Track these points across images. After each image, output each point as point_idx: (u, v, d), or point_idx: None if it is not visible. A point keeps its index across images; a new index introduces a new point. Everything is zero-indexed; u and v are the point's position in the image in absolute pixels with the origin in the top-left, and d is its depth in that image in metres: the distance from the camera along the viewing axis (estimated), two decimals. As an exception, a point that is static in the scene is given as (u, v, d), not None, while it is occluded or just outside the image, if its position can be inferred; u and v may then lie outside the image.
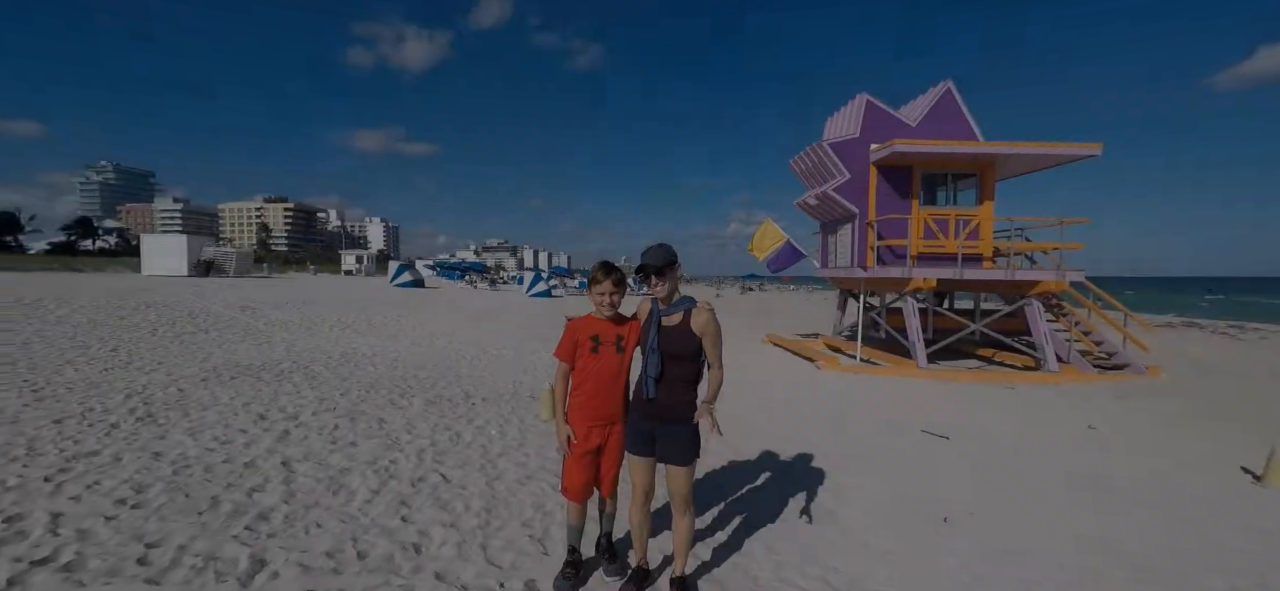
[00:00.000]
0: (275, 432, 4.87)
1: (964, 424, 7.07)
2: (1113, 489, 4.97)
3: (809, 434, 6.23)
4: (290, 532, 3.23)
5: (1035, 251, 12.84)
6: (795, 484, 4.68)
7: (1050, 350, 10.90)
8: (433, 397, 6.59)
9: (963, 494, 4.65)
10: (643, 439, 2.80)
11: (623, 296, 2.90)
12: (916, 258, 11.84)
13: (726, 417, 6.58)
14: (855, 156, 12.28)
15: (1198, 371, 12.02)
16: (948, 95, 12.37)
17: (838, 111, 13.80)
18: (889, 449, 5.88)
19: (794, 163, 14.32)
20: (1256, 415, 8.11)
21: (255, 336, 10.10)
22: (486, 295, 29.96)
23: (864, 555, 3.55)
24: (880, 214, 12.06)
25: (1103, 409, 8.14)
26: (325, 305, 16.32)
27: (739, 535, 3.68)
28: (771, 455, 5.41)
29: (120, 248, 70.66)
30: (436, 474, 4.29)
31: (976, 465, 5.45)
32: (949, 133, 12.03)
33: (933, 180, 12.49)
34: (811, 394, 8.62)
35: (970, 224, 11.99)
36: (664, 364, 2.70)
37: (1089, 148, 11.63)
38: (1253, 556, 3.79)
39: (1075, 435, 6.74)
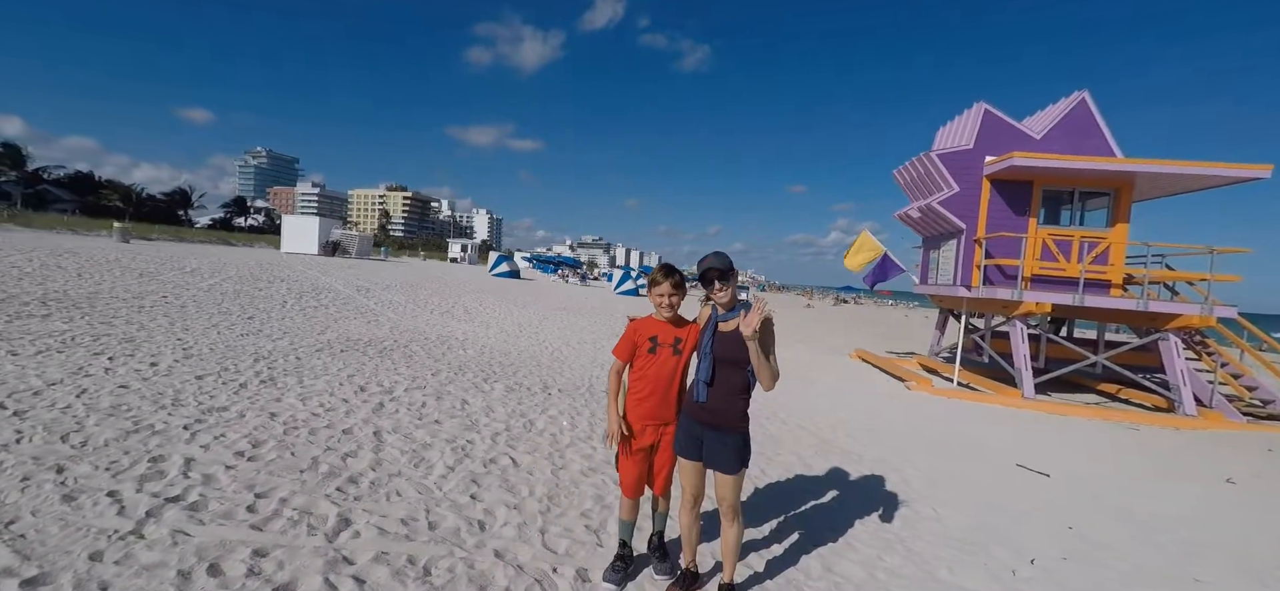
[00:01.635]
0: (372, 404, 5.38)
1: (1071, 462, 6.35)
2: (1242, 553, 4.26)
3: (888, 455, 5.88)
4: (374, 497, 3.56)
5: (1178, 281, 11.23)
6: (865, 505, 4.45)
7: (1187, 391, 9.48)
8: (513, 385, 6.95)
9: (1057, 537, 4.20)
10: (692, 442, 2.81)
11: (682, 298, 2.92)
12: (1030, 279, 10.79)
13: (800, 430, 6.38)
14: (967, 169, 11.41)
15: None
16: (1081, 105, 11.16)
17: (950, 121, 12.91)
18: (978, 480, 5.42)
19: (897, 173, 13.56)
20: None
21: (366, 315, 11.17)
22: (576, 290, 31.01)
23: (933, 587, 3.31)
24: (990, 230, 11.12)
25: (1248, 462, 6.97)
26: (429, 290, 17.68)
27: (796, 550, 3.57)
28: (842, 473, 5.17)
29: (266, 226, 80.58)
30: (507, 457, 4.53)
31: (1077, 507, 4.89)
32: (1081, 147, 10.86)
33: (1056, 197, 11.35)
34: (897, 414, 8.12)
35: (1099, 247, 10.73)
36: (716, 369, 2.69)
37: (1257, 169, 10.00)
38: None
39: (1207, 488, 5.84)
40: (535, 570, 3.01)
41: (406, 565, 2.87)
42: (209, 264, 16.64)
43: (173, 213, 65.59)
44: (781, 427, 6.50)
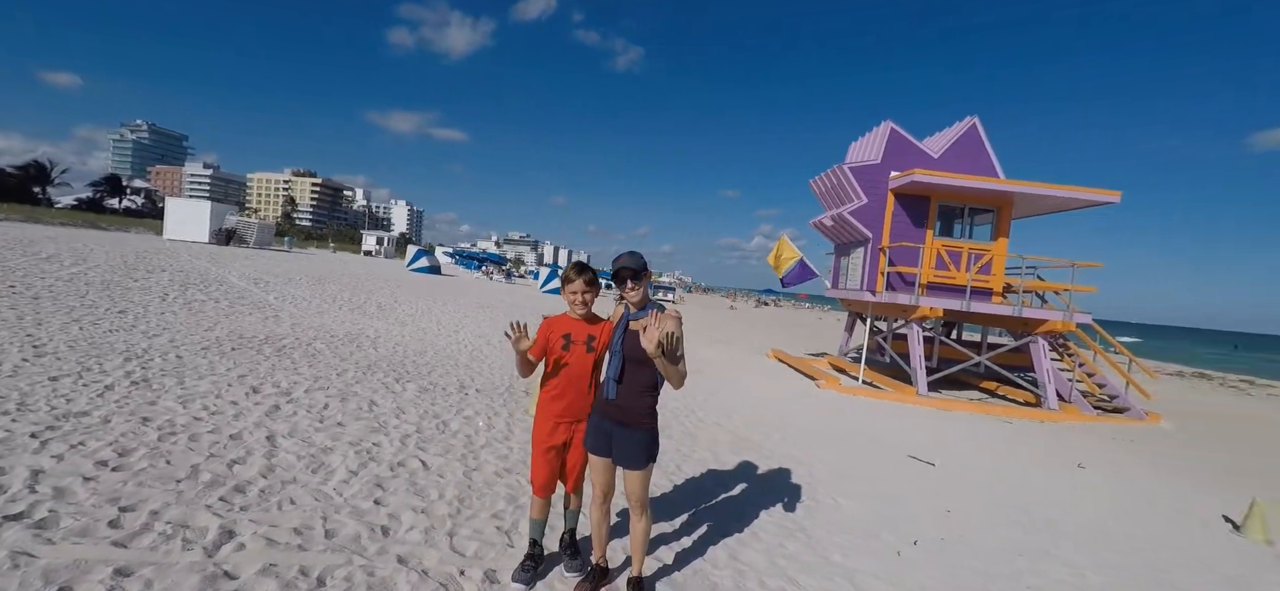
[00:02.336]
0: (266, 407, 4.98)
1: (954, 452, 7.00)
2: (1088, 528, 4.91)
3: (796, 449, 6.21)
4: (263, 506, 3.31)
5: (1046, 291, 12.67)
6: (772, 496, 4.69)
7: (1052, 388, 10.74)
8: (427, 385, 6.68)
9: (937, 520, 4.63)
10: (601, 438, 2.84)
11: (595, 296, 2.95)
12: (926, 286, 11.77)
13: (716, 428, 6.60)
14: (874, 182, 12.24)
15: (1198, 420, 11.76)
16: (972, 130, 12.30)
17: (862, 137, 13.79)
18: (873, 470, 5.85)
19: (813, 183, 14.31)
20: (1248, 467, 7.93)
21: (264, 310, 10.30)
22: (501, 287, 30.22)
23: (827, 570, 3.55)
24: (894, 240, 12.01)
25: (1096, 450, 8.01)
26: (339, 284, 16.59)
27: (705, 541, 3.70)
28: (752, 467, 5.41)
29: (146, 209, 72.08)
30: (417, 460, 4.36)
31: (957, 493, 5.41)
32: (970, 167, 11.96)
33: (950, 212, 12.44)
34: (807, 410, 8.59)
35: (983, 258, 11.88)
36: (625, 366, 2.74)
37: (1108, 194, 11.47)
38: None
39: (1063, 473, 6.65)
40: (441, 574, 2.92)
41: (298, 576, 2.69)
42: (72, 249, 14.69)
43: (26, 189, 57.15)
44: (699, 425, 6.69)
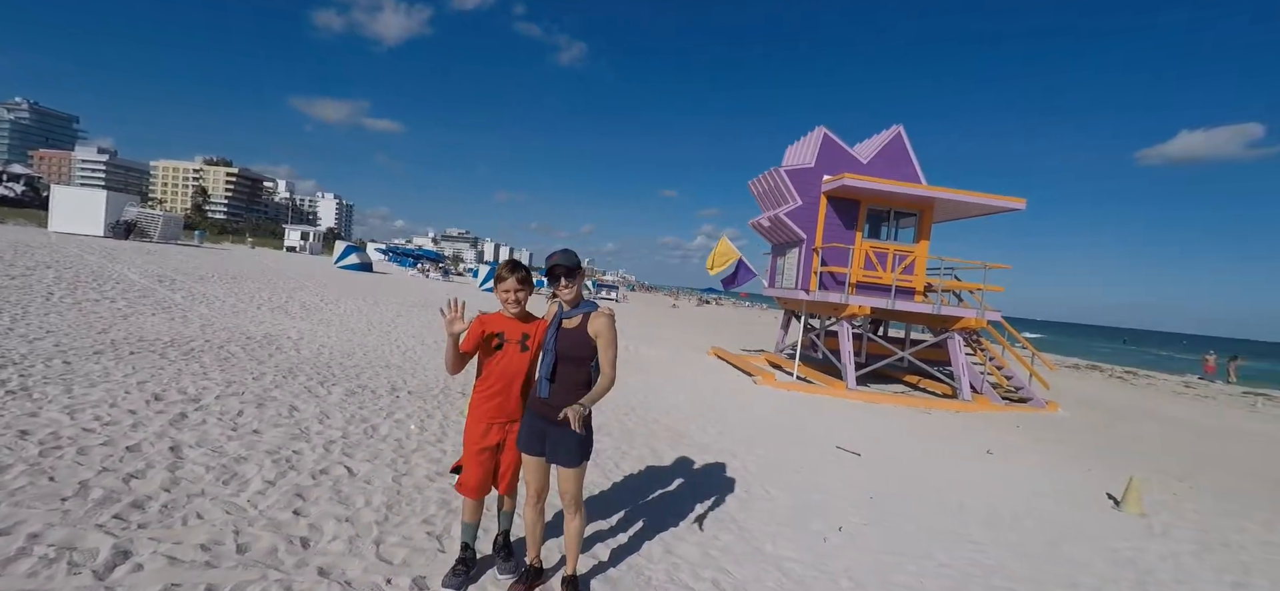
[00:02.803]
0: (170, 415, 4.59)
1: (879, 443, 7.42)
2: (992, 509, 5.34)
3: (733, 444, 6.38)
4: (166, 523, 3.06)
5: (961, 290, 13.62)
6: (707, 490, 4.80)
7: (965, 381, 11.57)
8: (355, 388, 6.37)
9: (861, 507, 4.89)
10: (535, 438, 2.82)
11: (529, 294, 2.92)
12: (855, 286, 12.36)
13: (655, 425, 6.67)
14: (808, 185, 12.72)
15: (1089, 408, 13.04)
16: (897, 138, 13.01)
17: (798, 141, 14.27)
18: (804, 462, 6.10)
19: (752, 184, 14.70)
20: (1127, 449, 8.89)
21: (170, 310, 9.49)
22: (438, 286, 29.21)
23: (759, 560, 3.68)
24: (826, 241, 12.52)
25: (1002, 437, 8.71)
26: (258, 282, 15.50)
27: (641, 536, 3.74)
28: (689, 462, 5.51)
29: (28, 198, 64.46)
30: (342, 466, 4.15)
31: (880, 480, 5.74)
32: (896, 173, 12.64)
33: (877, 215, 13.11)
34: (744, 406, 8.83)
35: (907, 259, 12.61)
36: (558, 365, 2.73)
37: (1014, 201, 12.46)
38: (1097, 572, 4.18)
39: (973, 459, 7.19)
40: (366, 584, 2.81)
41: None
42: (-64, 242, 12.97)
43: None
44: (638, 423, 6.75)
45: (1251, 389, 24.00)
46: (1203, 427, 12.26)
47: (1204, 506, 6.19)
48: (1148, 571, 4.33)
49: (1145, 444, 9.65)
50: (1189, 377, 26.68)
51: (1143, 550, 4.76)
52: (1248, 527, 5.65)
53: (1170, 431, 11.30)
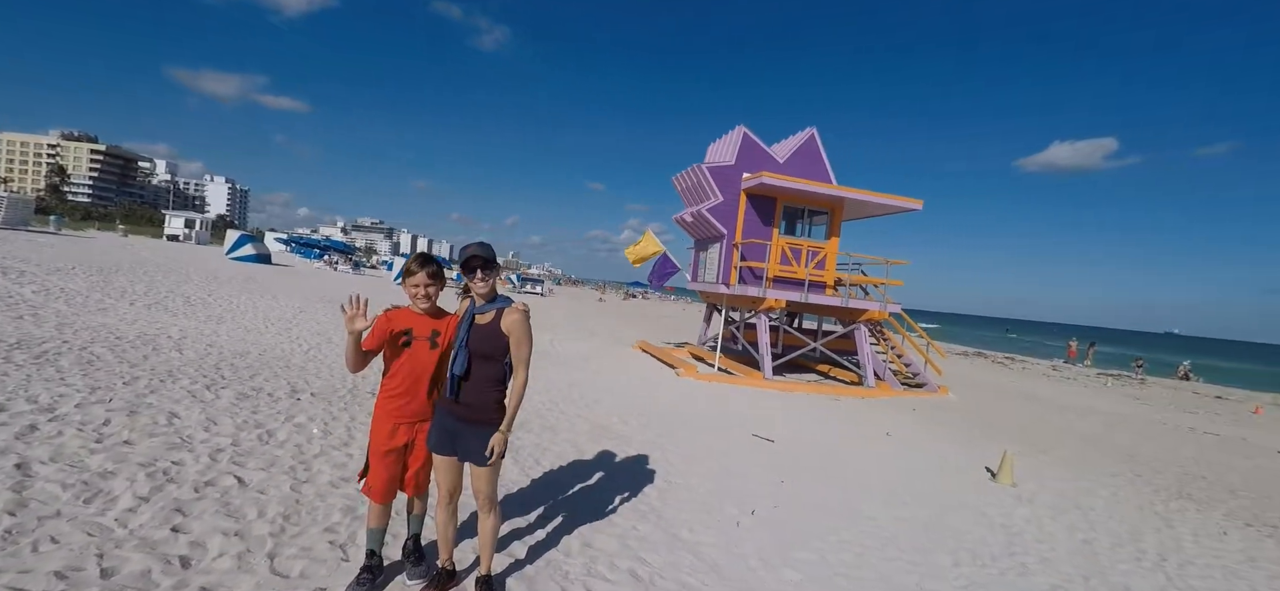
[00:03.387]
0: (15, 428, 4.00)
1: (792, 429, 7.83)
2: (889, 486, 5.81)
3: (655, 436, 6.50)
4: (10, 551, 2.67)
5: (867, 284, 14.62)
6: (629, 482, 4.86)
7: (870, 369, 12.46)
8: (248, 391, 5.86)
9: (773, 490, 5.15)
10: (447, 437, 2.74)
11: (441, 289, 2.82)
12: (773, 280, 12.92)
13: (578, 419, 6.64)
14: (729, 182, 13.11)
15: (974, 391, 14.47)
16: (811, 140, 13.69)
17: (720, 139, 14.65)
18: (723, 450, 6.33)
19: (676, 180, 14.93)
20: (1004, 426, 9.96)
21: (15, 306, 8.26)
22: (348, 279, 27.41)
23: (675, 547, 3.78)
24: (746, 237, 12.99)
25: (900, 420, 9.48)
26: (132, 275, 13.82)
27: (559, 532, 3.73)
28: (611, 455, 5.56)
29: None
30: (232, 477, 3.81)
31: (791, 465, 6.07)
32: (809, 173, 13.31)
33: (793, 213, 13.75)
34: (667, 398, 9.00)
35: (819, 255, 13.34)
36: (470, 362, 2.66)
37: (912, 202, 13.51)
38: (974, 537, 4.68)
39: (875, 441, 7.77)
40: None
41: (56, 628, 2.23)
42: None
43: None
44: (561, 418, 6.71)
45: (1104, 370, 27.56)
46: (1064, 405, 13.95)
47: (1062, 474, 7.06)
48: (1015, 534, 4.88)
49: (1019, 421, 10.84)
50: (1056, 361, 30.25)
51: (1011, 515, 5.36)
52: (1096, 490, 6.50)
53: (1039, 409, 12.76)
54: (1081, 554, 4.62)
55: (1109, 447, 9.14)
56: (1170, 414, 14.42)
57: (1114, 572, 4.33)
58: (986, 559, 4.29)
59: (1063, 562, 4.38)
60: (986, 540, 4.65)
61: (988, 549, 4.48)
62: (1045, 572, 4.18)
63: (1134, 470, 7.73)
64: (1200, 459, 9.02)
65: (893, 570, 3.92)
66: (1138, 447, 9.40)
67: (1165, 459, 8.70)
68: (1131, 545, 4.94)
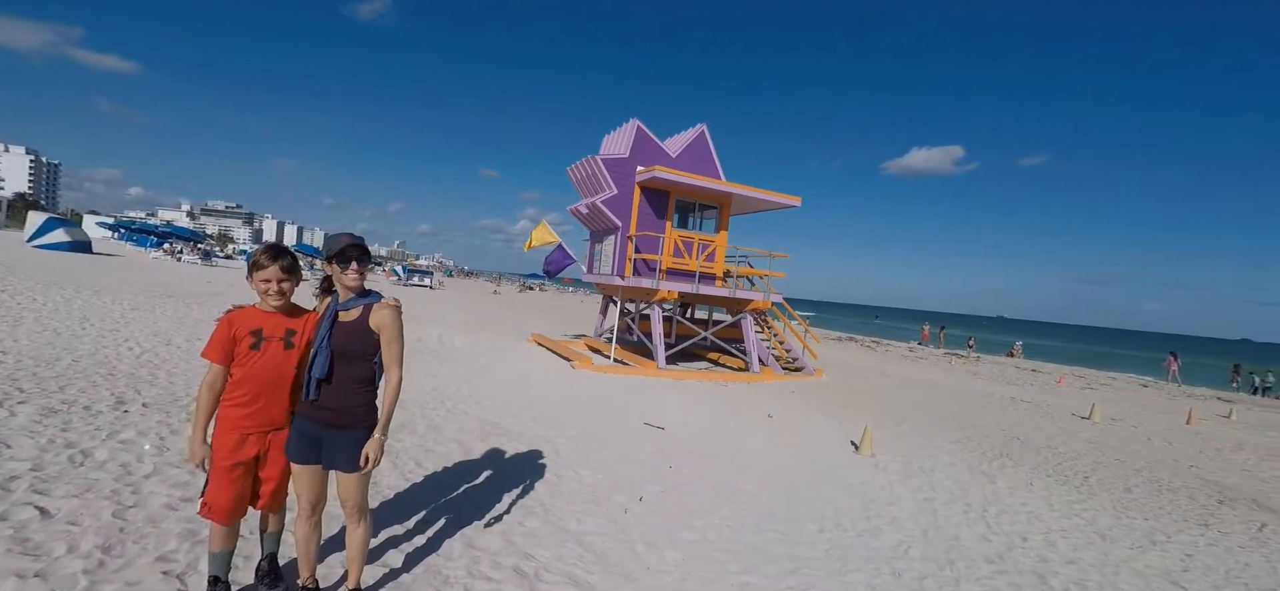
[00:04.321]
0: None
1: (682, 416, 8.13)
2: (769, 464, 6.26)
3: (546, 430, 6.43)
4: None
5: (753, 276, 15.53)
6: (517, 478, 4.77)
7: (755, 356, 13.28)
8: (56, 405, 4.95)
9: (661, 476, 5.34)
10: (308, 445, 2.52)
11: (295, 284, 2.57)
12: (666, 272, 13.28)
13: (466, 416, 6.39)
14: (623, 174, 13.23)
15: (845, 372, 15.98)
16: (701, 137, 14.19)
17: (615, 130, 14.71)
18: (614, 440, 6.42)
19: (570, 170, 14.79)
20: (868, 403, 11.13)
21: None
22: (194, 271, 24.00)
23: (562, 539, 3.79)
24: (640, 229, 13.20)
25: (780, 401, 10.23)
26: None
27: (441, 535, 3.58)
28: (500, 452, 5.42)
29: None
30: (30, 508, 3.21)
31: (680, 450, 6.31)
32: (700, 168, 13.80)
33: (685, 206, 14.20)
34: (562, 391, 8.94)
35: (709, 248, 13.93)
36: (333, 362, 2.47)
37: (792, 199, 14.52)
38: (837, 504, 5.19)
39: (757, 423, 8.31)
40: (62, 652, 2.22)
41: None
42: None
43: None
44: (448, 416, 6.42)
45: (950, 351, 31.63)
46: (916, 381, 15.83)
47: (911, 443, 8.02)
48: (870, 499, 5.47)
49: (880, 398, 12.13)
50: (912, 344, 34.18)
51: (868, 482, 6.00)
52: (937, 455, 7.47)
53: (896, 387, 14.37)
54: (923, 512, 5.28)
55: (949, 417, 10.52)
56: (997, 386, 16.91)
57: (948, 525, 5.01)
58: (847, 524, 4.76)
59: (907, 521, 4.98)
60: (848, 507, 5.17)
61: (848, 515, 4.97)
62: (893, 531, 4.73)
63: (967, 435, 8.97)
64: (1017, 423, 10.69)
65: (766, 541, 4.22)
66: (971, 416, 10.92)
67: (991, 424, 10.20)
68: (961, 500, 5.74)
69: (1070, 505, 5.96)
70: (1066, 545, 4.85)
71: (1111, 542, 5.03)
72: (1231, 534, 5.59)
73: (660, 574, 3.54)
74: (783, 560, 3.96)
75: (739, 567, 3.75)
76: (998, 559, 4.40)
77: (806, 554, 4.10)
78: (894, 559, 4.19)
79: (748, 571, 3.72)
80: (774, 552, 4.06)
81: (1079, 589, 4.04)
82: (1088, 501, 6.16)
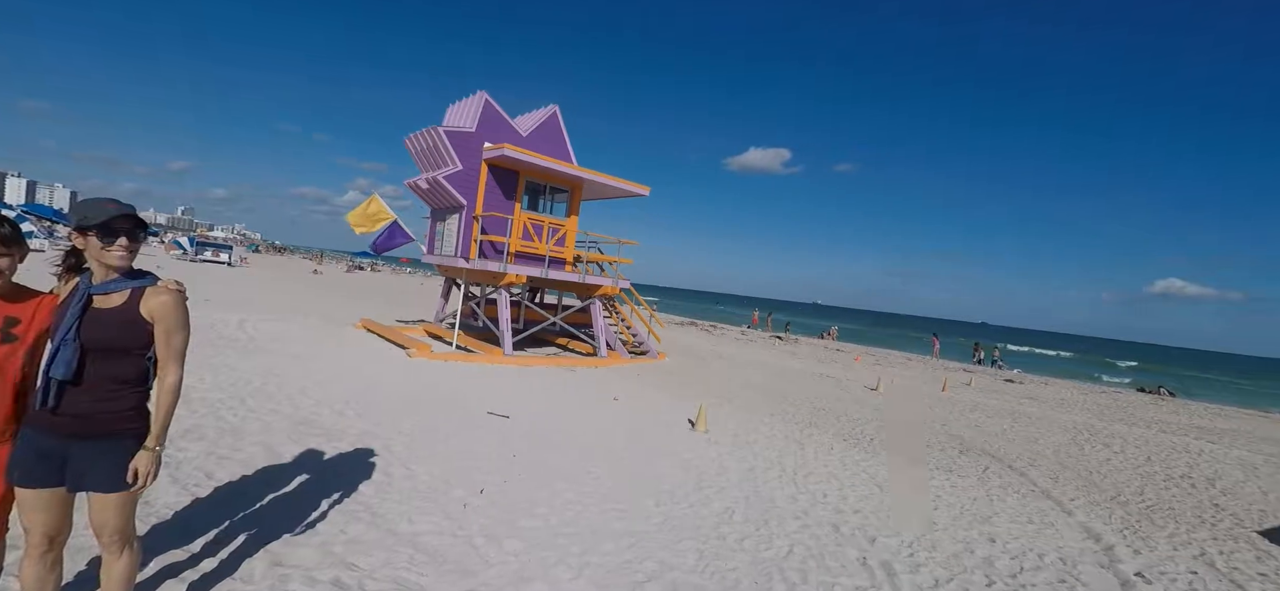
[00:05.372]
0: None
1: (528, 403, 8.03)
2: (612, 446, 6.48)
3: (375, 426, 5.89)
4: None
5: (602, 261, 15.82)
6: (338, 482, 4.31)
7: (602, 340, 13.59)
8: None
9: (506, 466, 5.23)
10: (44, 464, 2.00)
11: (18, 260, 2.01)
12: (514, 255, 12.92)
13: (274, 415, 5.58)
14: (469, 150, 12.49)
15: (686, 355, 17.13)
16: (553, 117, 13.96)
17: (460, 102, 13.79)
18: (453, 432, 6.12)
19: (409, 141, 13.58)
20: (704, 383, 12.10)
21: None
22: None
23: (392, 542, 3.52)
24: (487, 210, 12.62)
25: (626, 385, 10.63)
26: None
27: (239, 555, 3.10)
28: (318, 454, 4.85)
29: None
30: None
31: (525, 439, 6.24)
32: (551, 150, 13.57)
33: (536, 188, 13.88)
34: (395, 382, 8.26)
35: (559, 232, 13.84)
36: (84, 360, 1.99)
37: (641, 187, 15.03)
38: (672, 478, 5.57)
39: (604, 407, 8.55)
40: None
41: None
42: None
43: None
44: (249, 415, 5.56)
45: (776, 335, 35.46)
46: (746, 362, 17.53)
47: (739, 418, 8.87)
48: (701, 472, 5.95)
49: (714, 378, 13.21)
50: (744, 328, 37.69)
51: (701, 455, 6.52)
52: (759, 428, 8.36)
53: (729, 367, 15.76)
54: (747, 480, 5.89)
55: (771, 394, 11.84)
56: (810, 365, 19.42)
57: (765, 489, 5.65)
58: (680, 497, 5.12)
59: (733, 489, 5.52)
60: (682, 481, 5.56)
61: (682, 488, 5.35)
62: (721, 499, 5.20)
63: (783, 409, 10.18)
64: (823, 396, 12.40)
65: (606, 520, 4.37)
66: (787, 392, 12.41)
67: (802, 399, 11.70)
68: (778, 466, 6.51)
69: (859, 463, 7.09)
70: (855, 497, 5.76)
71: (887, 491, 6.10)
72: (967, 476, 7.12)
73: (499, 565, 3.47)
74: (622, 536, 4.13)
75: (579, 549, 3.83)
76: (803, 515, 5.08)
77: (643, 528, 4.33)
78: (720, 524, 4.61)
79: (587, 551, 3.81)
80: (614, 530, 4.22)
81: (861, 533, 4.83)
82: (872, 459, 7.39)
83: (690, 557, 3.93)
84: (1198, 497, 7.32)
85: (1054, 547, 4.98)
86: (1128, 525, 5.89)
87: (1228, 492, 7.72)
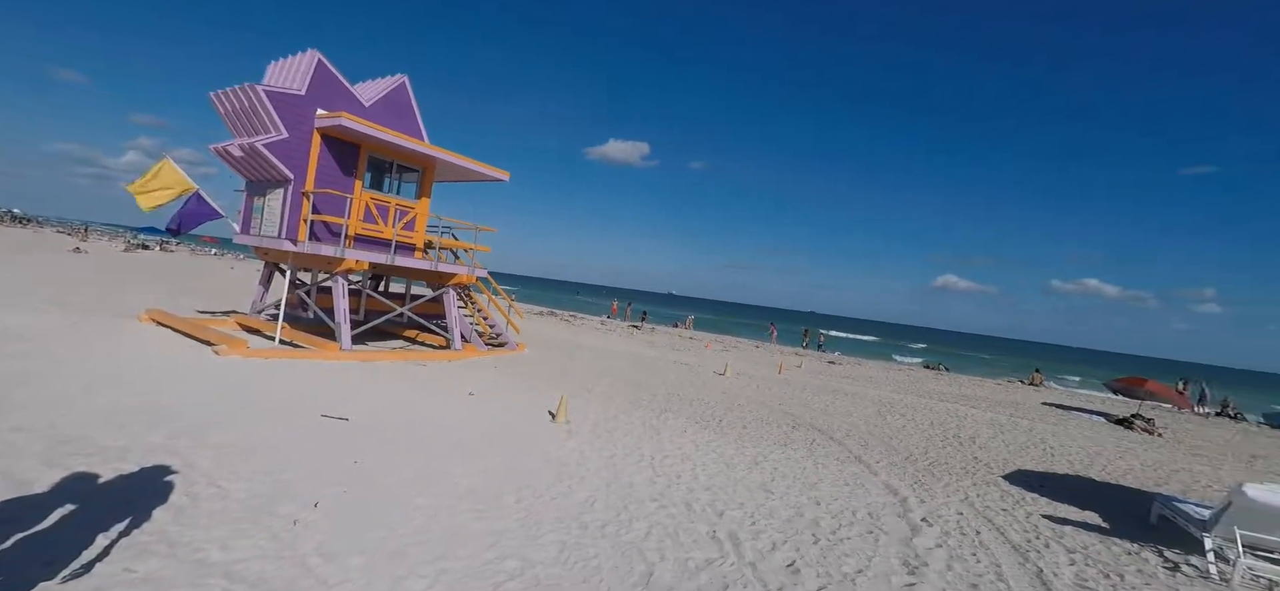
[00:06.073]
0: None
1: (372, 403, 7.32)
2: (470, 443, 6.20)
3: (170, 439, 4.92)
4: None
5: (457, 249, 14.94)
6: (118, 511, 3.53)
7: (457, 332, 12.88)
8: None
9: (344, 475, 4.71)
10: None
11: None
12: (354, 238, 11.63)
13: (19, 435, 4.40)
14: (297, 116, 10.91)
15: (546, 346, 16.96)
16: (402, 88, 12.73)
17: (285, 59, 11.96)
18: (277, 440, 5.35)
19: (216, 97, 11.47)
20: (564, 373, 12.10)
21: None
22: None
23: (199, 574, 2.99)
24: (319, 186, 11.16)
25: (483, 378, 10.21)
26: None
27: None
28: (89, 479, 3.92)
29: None
30: None
31: (369, 442, 5.68)
32: (399, 125, 12.38)
33: (380, 165, 12.57)
34: (198, 386, 6.97)
35: (408, 215, 12.74)
36: None
37: (501, 173, 14.43)
38: (535, 472, 5.50)
39: (459, 402, 8.11)
40: None
41: None
42: None
43: None
44: (-21, 436, 4.30)
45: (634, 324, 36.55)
46: (604, 351, 17.84)
47: (599, 407, 9.01)
48: (564, 463, 5.94)
49: (575, 368, 13.24)
50: (603, 318, 38.32)
51: (562, 446, 6.51)
52: (618, 416, 8.57)
53: (590, 357, 15.91)
54: (608, 467, 6.00)
55: (629, 382, 12.20)
56: (666, 352, 20.37)
57: (625, 475, 5.81)
58: (541, 489, 5.06)
59: (593, 478, 5.59)
60: (543, 474, 5.49)
61: (543, 481, 5.29)
62: (582, 489, 5.24)
63: (641, 396, 10.57)
64: (677, 382, 13.09)
65: (464, 521, 4.16)
66: (644, 380, 12.89)
67: (658, 386, 12.24)
68: (636, 452, 6.74)
69: (709, 443, 7.62)
70: (705, 475, 6.18)
71: (733, 467, 6.64)
72: (797, 449, 8.03)
73: (338, 585, 3.12)
74: (481, 537, 3.96)
75: (433, 556, 3.59)
76: (660, 496, 5.32)
77: (503, 525, 4.20)
78: (582, 513, 4.64)
79: (442, 557, 3.59)
80: (471, 531, 4.02)
81: (712, 508, 5.20)
82: (720, 438, 7.98)
83: (552, 550, 3.90)
84: (964, 453, 9.09)
85: (864, 505, 5.83)
86: (917, 480, 7.11)
87: (983, 447, 9.71)
